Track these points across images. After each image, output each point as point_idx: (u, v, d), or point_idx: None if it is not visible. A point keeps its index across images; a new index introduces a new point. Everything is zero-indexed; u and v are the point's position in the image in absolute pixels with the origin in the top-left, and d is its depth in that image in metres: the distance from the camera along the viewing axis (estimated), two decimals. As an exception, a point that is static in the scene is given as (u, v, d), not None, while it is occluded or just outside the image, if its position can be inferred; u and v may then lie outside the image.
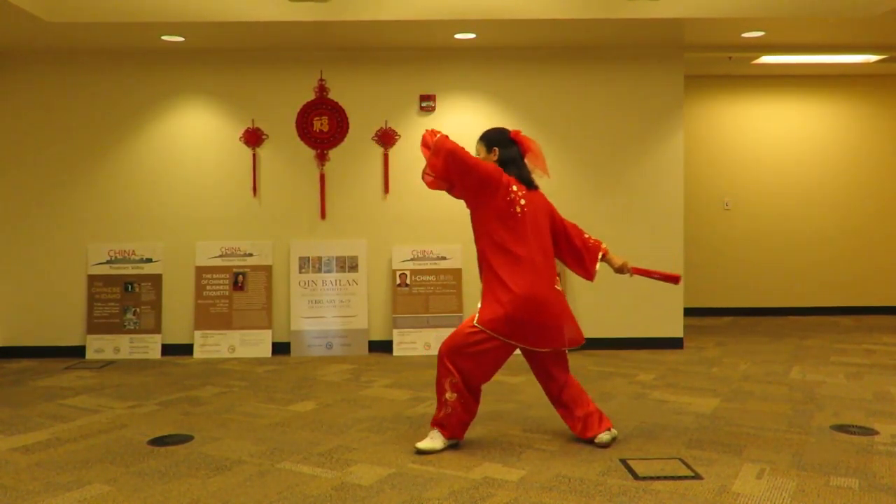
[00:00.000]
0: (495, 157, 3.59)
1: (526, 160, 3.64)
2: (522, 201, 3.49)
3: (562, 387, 3.62)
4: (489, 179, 3.44)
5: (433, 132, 3.49)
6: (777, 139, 7.66)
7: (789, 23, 5.27)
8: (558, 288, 3.57)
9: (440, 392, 3.51)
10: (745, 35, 5.61)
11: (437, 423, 3.55)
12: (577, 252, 3.73)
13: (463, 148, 3.43)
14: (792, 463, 3.36)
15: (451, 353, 3.47)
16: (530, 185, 3.59)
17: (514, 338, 3.45)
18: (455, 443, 3.59)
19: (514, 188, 3.49)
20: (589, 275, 3.75)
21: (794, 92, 7.62)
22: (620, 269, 3.75)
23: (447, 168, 3.42)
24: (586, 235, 3.78)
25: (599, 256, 3.74)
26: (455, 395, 3.48)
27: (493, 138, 3.63)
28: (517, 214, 3.47)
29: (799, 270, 7.70)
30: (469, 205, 3.56)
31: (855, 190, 7.69)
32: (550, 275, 3.54)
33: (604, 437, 3.57)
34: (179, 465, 3.37)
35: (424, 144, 3.52)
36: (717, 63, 6.85)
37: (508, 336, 3.43)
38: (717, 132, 7.66)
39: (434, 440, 3.53)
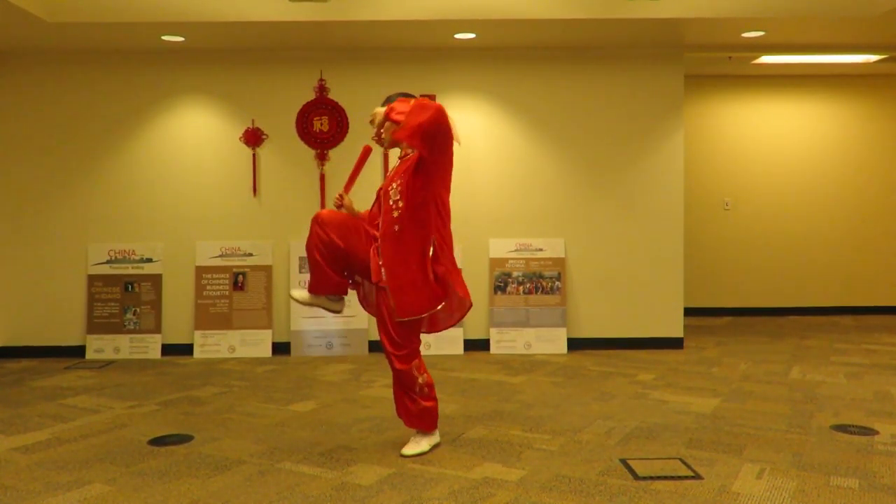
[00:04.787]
0: None
1: None
2: None
3: None
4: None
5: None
6: (777, 139, 7.66)
7: (789, 23, 5.27)
8: None
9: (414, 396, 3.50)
10: (745, 35, 5.61)
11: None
12: None
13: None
14: (792, 463, 3.36)
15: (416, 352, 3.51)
16: None
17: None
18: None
19: None
20: None
21: (794, 92, 7.62)
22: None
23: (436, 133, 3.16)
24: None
25: None
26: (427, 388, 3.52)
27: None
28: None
29: (799, 270, 7.70)
30: (427, 169, 3.29)
31: (855, 190, 7.68)
32: None
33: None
34: (179, 465, 3.37)
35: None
36: (717, 63, 6.85)
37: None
38: (717, 132, 7.66)
39: (419, 443, 3.54)
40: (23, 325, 5.91)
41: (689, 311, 6.84)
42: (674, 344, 5.99)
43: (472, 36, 5.51)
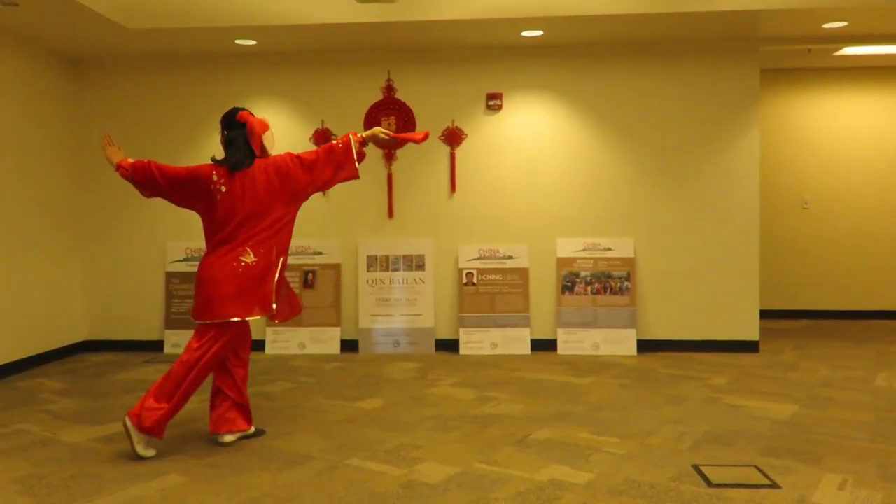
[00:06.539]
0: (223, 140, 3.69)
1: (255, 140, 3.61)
2: (222, 188, 3.52)
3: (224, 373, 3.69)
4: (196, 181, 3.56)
5: None
6: (859, 135, 7.32)
7: (874, 11, 5.02)
8: (245, 260, 3.48)
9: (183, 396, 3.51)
10: (826, 26, 5.37)
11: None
12: (334, 163, 3.69)
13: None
14: (877, 474, 3.20)
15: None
16: (236, 167, 3.54)
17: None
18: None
19: (215, 177, 3.54)
20: (352, 172, 3.72)
21: (878, 85, 7.27)
22: (375, 138, 3.76)
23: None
24: (336, 141, 3.74)
25: (355, 148, 3.70)
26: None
27: (224, 120, 3.70)
28: (217, 201, 3.54)
29: (883, 272, 7.34)
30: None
31: (946, 187, 7.28)
32: (234, 248, 3.50)
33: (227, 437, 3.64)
34: (251, 459, 3.45)
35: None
36: (795, 56, 6.60)
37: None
38: (795, 128, 7.38)
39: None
40: (105, 320, 6.18)
41: (765, 314, 6.61)
42: (748, 347, 5.80)
43: (539, 33, 5.46)
